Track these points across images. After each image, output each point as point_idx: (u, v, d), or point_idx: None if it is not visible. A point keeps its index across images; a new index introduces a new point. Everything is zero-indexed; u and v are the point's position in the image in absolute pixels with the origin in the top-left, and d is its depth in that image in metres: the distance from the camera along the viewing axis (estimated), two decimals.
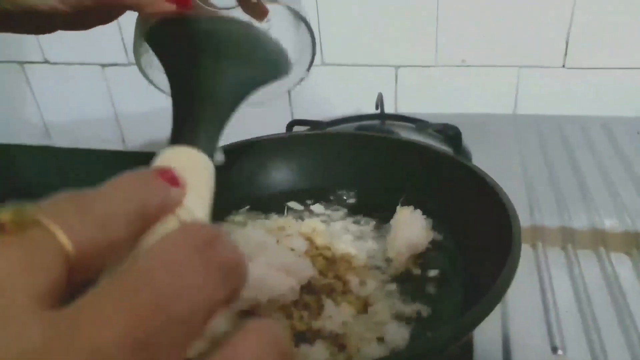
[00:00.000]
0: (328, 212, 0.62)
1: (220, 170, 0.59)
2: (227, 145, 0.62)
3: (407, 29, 0.93)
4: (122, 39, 1.03)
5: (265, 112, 1.04)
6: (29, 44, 1.10)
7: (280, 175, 0.64)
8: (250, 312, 0.45)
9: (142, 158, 0.91)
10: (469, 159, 0.79)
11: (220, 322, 0.22)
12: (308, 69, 0.46)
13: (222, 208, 0.60)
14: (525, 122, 0.91)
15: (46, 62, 1.12)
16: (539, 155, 0.81)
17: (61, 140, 1.22)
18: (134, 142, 1.18)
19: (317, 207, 0.62)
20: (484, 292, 0.39)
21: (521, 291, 0.56)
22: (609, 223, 0.64)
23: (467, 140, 0.84)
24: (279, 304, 0.45)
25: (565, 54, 0.89)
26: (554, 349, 0.49)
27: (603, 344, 0.49)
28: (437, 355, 0.38)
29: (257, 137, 0.64)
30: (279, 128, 0.91)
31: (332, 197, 0.63)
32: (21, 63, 1.13)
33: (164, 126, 1.03)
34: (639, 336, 0.49)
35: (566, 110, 0.92)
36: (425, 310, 0.48)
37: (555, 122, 0.89)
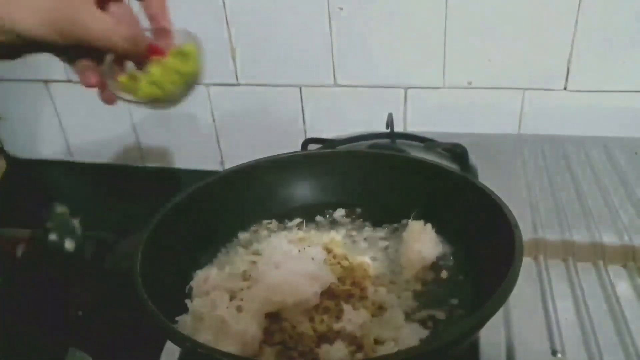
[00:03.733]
0: (346, 224, 0.66)
1: (246, 185, 0.64)
2: (252, 161, 0.67)
3: (416, 53, 0.98)
4: None
5: (281, 131, 1.09)
6: (53, 64, 1.15)
7: (299, 190, 0.68)
8: (276, 314, 0.49)
9: (159, 173, 0.96)
10: (475, 176, 0.83)
11: None
12: None
13: (247, 220, 0.65)
14: (529, 141, 0.95)
15: (69, 81, 1.17)
16: (542, 173, 0.84)
17: (82, 156, 1.27)
18: (152, 158, 1.22)
19: (338, 218, 0.67)
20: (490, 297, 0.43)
21: (524, 300, 0.60)
22: (607, 237, 0.68)
23: (474, 158, 0.88)
24: (303, 307, 0.49)
25: (567, 78, 0.94)
26: (554, 352, 0.53)
27: (600, 348, 0.53)
28: (449, 351, 0.42)
29: (278, 155, 0.68)
30: (294, 146, 0.95)
31: (347, 211, 0.68)
32: (46, 82, 1.19)
33: (180, 143, 1.09)
34: (632, 341, 0.53)
35: (568, 131, 0.97)
36: (437, 315, 0.52)
37: (558, 142, 0.93)
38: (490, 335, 0.56)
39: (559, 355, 0.53)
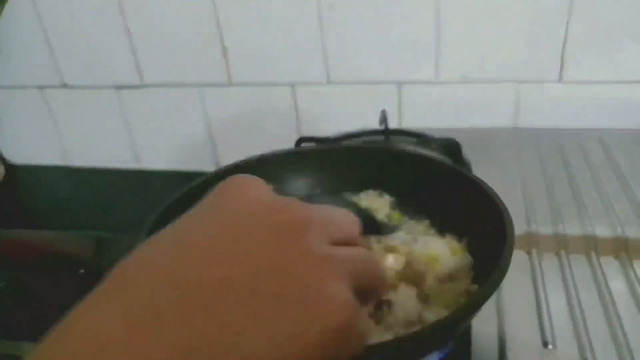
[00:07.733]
0: None
1: None
2: (245, 159, 0.67)
3: (409, 48, 0.97)
4: (135, 61, 1.08)
5: (275, 129, 1.09)
6: (47, 70, 1.15)
7: (294, 184, 0.68)
8: None
9: (155, 176, 0.95)
10: (469, 170, 0.83)
11: None
12: None
13: None
14: (524, 135, 0.95)
15: (64, 86, 1.17)
16: (536, 166, 0.84)
17: (78, 160, 1.27)
18: (148, 160, 1.22)
19: None
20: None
21: (516, 292, 0.59)
22: (600, 229, 0.68)
23: (469, 153, 0.88)
24: None
25: (561, 69, 0.93)
26: (545, 344, 0.52)
27: (591, 340, 0.53)
28: (440, 338, 0.42)
29: (272, 151, 0.69)
30: (289, 145, 0.95)
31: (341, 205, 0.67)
32: (40, 87, 1.19)
33: (175, 145, 1.08)
34: (623, 333, 0.53)
35: (563, 123, 0.96)
36: None
37: (553, 135, 0.93)
38: (483, 326, 0.55)
39: (550, 346, 0.52)
